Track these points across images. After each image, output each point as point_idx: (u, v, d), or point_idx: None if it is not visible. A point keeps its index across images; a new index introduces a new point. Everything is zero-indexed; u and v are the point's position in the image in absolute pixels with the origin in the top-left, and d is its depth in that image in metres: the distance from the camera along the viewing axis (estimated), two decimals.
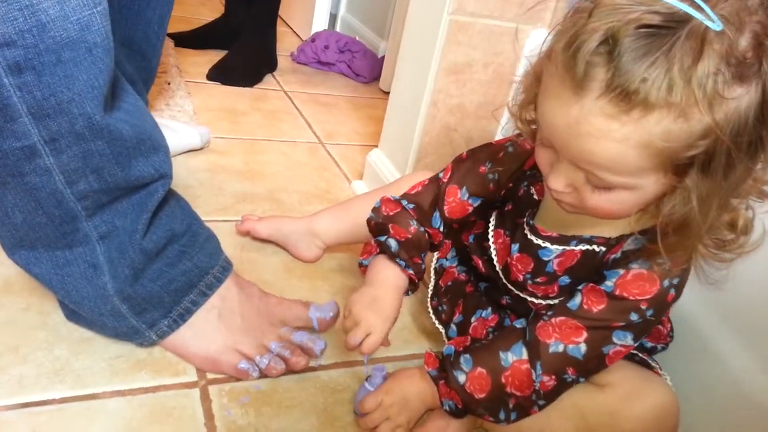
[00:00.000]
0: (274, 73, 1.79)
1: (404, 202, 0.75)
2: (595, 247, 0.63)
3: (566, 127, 0.49)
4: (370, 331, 0.65)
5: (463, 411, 0.66)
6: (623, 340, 0.60)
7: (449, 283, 0.83)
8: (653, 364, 0.69)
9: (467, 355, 0.65)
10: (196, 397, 0.68)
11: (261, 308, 0.75)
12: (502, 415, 0.64)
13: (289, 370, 0.72)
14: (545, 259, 0.66)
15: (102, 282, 0.66)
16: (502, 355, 0.63)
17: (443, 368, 0.67)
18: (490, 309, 0.77)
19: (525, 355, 0.62)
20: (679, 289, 0.60)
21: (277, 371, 0.71)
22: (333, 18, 2.31)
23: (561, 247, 0.64)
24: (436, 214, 0.74)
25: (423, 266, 0.73)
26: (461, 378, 0.64)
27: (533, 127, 0.59)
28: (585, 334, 0.60)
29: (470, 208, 0.74)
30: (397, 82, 1.11)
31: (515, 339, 0.64)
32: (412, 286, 0.73)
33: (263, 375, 0.71)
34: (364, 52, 1.94)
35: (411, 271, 0.70)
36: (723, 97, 0.45)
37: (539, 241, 0.66)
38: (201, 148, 1.21)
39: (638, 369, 0.66)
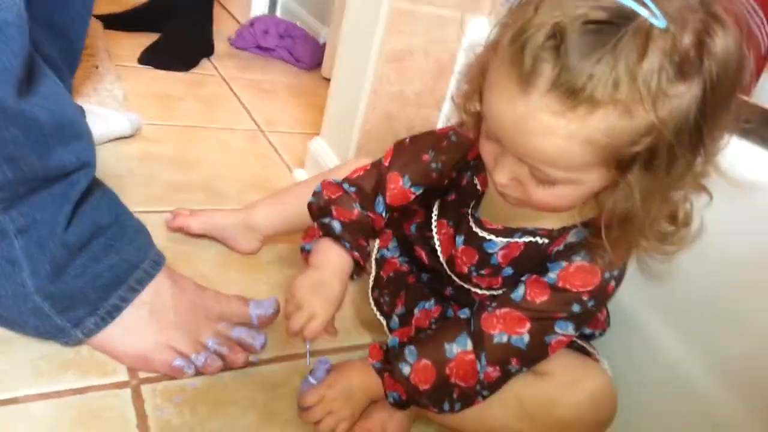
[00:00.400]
0: (210, 57, 1.73)
1: (346, 186, 0.74)
2: (538, 239, 0.63)
3: (512, 123, 0.49)
4: (314, 316, 0.63)
5: (407, 402, 0.66)
6: (565, 329, 0.61)
7: (390, 275, 0.82)
8: (591, 350, 0.70)
9: (412, 347, 0.65)
10: (127, 397, 0.65)
11: (197, 303, 0.72)
12: (446, 406, 0.64)
13: (228, 367, 0.70)
14: (490, 251, 0.66)
15: (21, 279, 0.62)
16: (446, 346, 0.63)
17: (387, 360, 0.67)
18: (433, 300, 0.77)
19: (469, 346, 0.62)
20: (619, 280, 0.61)
21: (213, 369, 0.69)
22: (273, 2, 2.25)
23: (505, 240, 0.65)
24: (379, 198, 0.73)
25: (368, 249, 0.72)
26: (406, 370, 0.64)
27: (477, 119, 0.59)
28: (528, 325, 0.61)
29: (412, 196, 0.73)
30: (337, 69, 1.09)
31: (459, 330, 0.64)
32: (357, 269, 0.71)
33: (199, 373, 0.69)
34: (305, 38, 1.90)
35: (357, 254, 0.69)
36: (666, 94, 0.45)
37: (484, 234, 0.66)
38: (131, 136, 1.16)
39: (576, 357, 0.67)
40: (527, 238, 0.63)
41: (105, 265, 0.66)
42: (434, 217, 0.72)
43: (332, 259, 0.68)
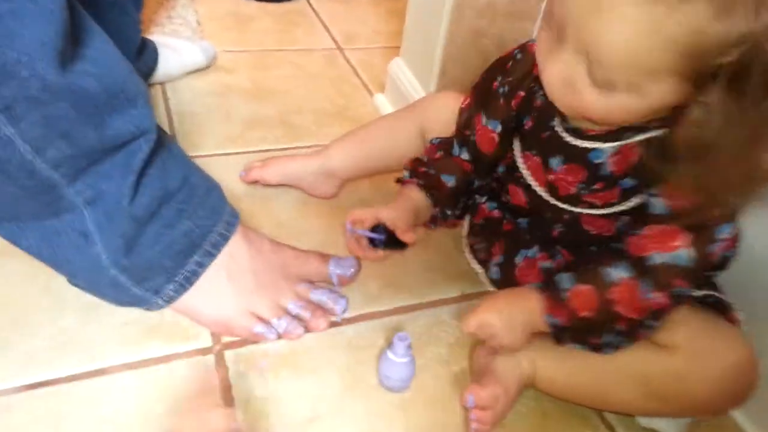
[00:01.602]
0: None
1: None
2: (652, 132, 0.52)
3: (581, 5, 0.43)
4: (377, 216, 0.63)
5: (566, 330, 0.58)
6: (726, 231, 0.52)
7: (482, 221, 0.74)
8: (729, 303, 0.60)
9: (565, 274, 0.58)
10: (211, 364, 0.64)
11: (274, 263, 0.69)
12: (606, 339, 0.57)
13: (309, 331, 0.67)
14: (598, 161, 0.56)
15: (95, 252, 0.60)
16: (607, 270, 0.55)
17: (549, 281, 0.59)
18: (536, 247, 0.69)
19: (631, 272, 0.55)
20: None
21: (296, 335, 0.66)
22: None
23: (615, 144, 0.55)
24: (455, 144, 0.70)
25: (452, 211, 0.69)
26: (563, 294, 0.57)
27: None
28: (682, 237, 0.52)
29: (495, 137, 0.66)
30: None
31: (618, 257, 0.56)
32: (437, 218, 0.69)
33: (281, 338, 0.66)
34: None
35: (418, 180, 0.68)
36: None
37: (586, 143, 0.56)
38: (207, 67, 1.11)
39: (707, 322, 0.57)
40: (641, 136, 0.53)
41: (178, 231, 0.64)
42: (517, 153, 0.65)
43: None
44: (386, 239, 0.64)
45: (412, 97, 0.99)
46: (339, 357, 0.66)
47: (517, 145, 0.65)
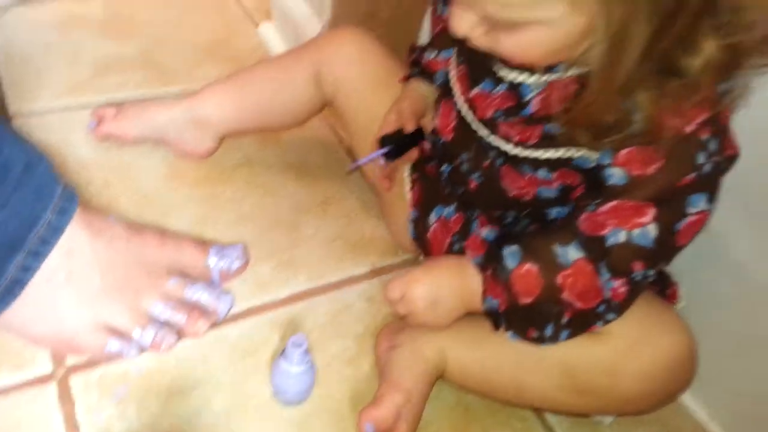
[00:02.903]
0: None
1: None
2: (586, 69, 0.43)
3: None
4: None
5: (503, 316, 0.50)
6: (697, 205, 0.44)
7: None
8: (668, 274, 0.54)
9: (513, 247, 0.49)
10: (52, 395, 0.50)
11: (132, 256, 0.54)
12: (548, 331, 0.49)
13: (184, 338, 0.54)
14: (525, 99, 0.48)
15: None
16: (559, 249, 0.47)
17: (491, 256, 0.51)
18: (453, 206, 0.59)
19: (586, 253, 0.46)
20: (734, 98, 0.42)
21: (167, 346, 0.53)
22: None
23: (542, 77, 0.47)
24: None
25: None
26: (504, 275, 0.48)
27: None
28: (653, 211, 0.44)
29: None
30: None
31: (569, 236, 0.47)
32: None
33: (146, 352, 0.53)
34: None
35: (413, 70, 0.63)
36: None
37: (512, 75, 0.48)
38: None
39: (642, 305, 0.49)
40: (576, 70, 0.44)
41: None
42: (453, 61, 0.56)
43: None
44: (396, 147, 0.60)
45: (304, 27, 0.83)
46: (222, 369, 0.54)
47: (453, 53, 0.57)
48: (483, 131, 0.52)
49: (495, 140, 0.52)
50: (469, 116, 0.54)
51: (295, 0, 0.86)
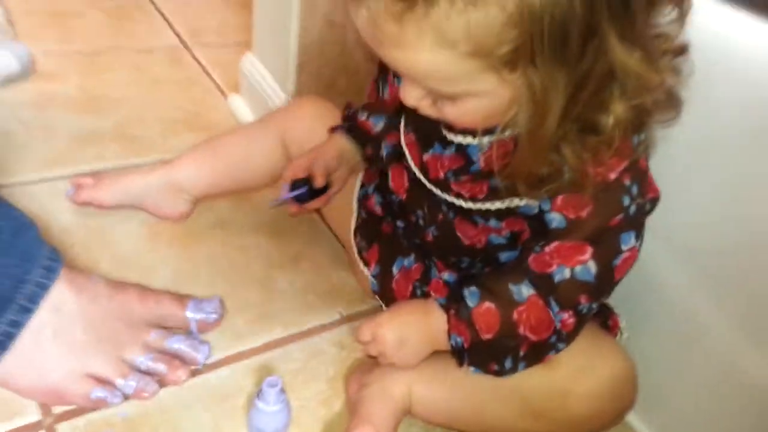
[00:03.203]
0: None
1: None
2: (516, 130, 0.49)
3: (366, 36, 0.43)
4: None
5: (467, 352, 0.54)
6: (629, 242, 0.50)
7: (364, 216, 0.70)
8: (609, 306, 0.60)
9: (473, 288, 0.54)
10: None
11: (115, 310, 0.58)
12: (508, 364, 0.53)
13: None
14: (473, 156, 0.54)
15: None
16: (513, 288, 0.52)
17: (453, 296, 0.55)
18: (412, 256, 0.64)
19: (536, 290, 0.51)
20: (645, 147, 0.49)
21: (149, 393, 0.56)
22: None
23: (486, 138, 0.51)
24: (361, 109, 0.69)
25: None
26: (465, 313, 0.53)
27: None
28: (590, 249, 0.49)
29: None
30: None
31: (521, 275, 0.52)
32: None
33: (129, 399, 0.56)
34: None
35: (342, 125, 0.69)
36: None
37: (459, 138, 0.54)
38: (23, 75, 0.94)
39: (587, 335, 0.54)
40: (510, 132, 0.49)
41: None
42: (402, 128, 0.61)
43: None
44: (308, 191, 0.66)
45: (270, 98, 0.90)
46: (202, 412, 0.57)
47: (402, 121, 0.61)
48: (436, 190, 0.58)
49: (448, 197, 0.57)
50: (423, 178, 0.59)
51: (261, 73, 0.93)
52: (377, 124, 0.68)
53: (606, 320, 0.59)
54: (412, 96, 0.47)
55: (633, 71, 0.42)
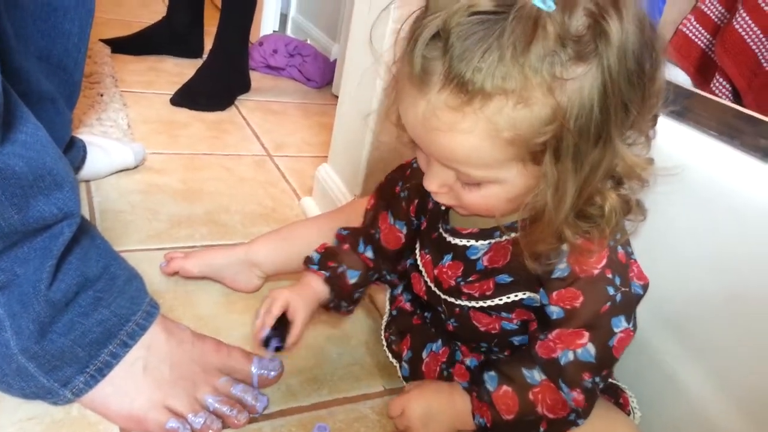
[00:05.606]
0: None
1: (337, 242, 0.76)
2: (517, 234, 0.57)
3: (418, 125, 0.49)
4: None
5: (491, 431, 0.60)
6: (620, 325, 0.56)
7: (394, 313, 0.78)
8: (622, 387, 0.66)
9: (492, 372, 0.60)
10: None
11: (195, 356, 0.68)
12: None
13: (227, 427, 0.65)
14: (474, 258, 0.62)
15: (3, 339, 0.58)
16: (526, 372, 0.58)
17: (474, 380, 0.63)
18: (440, 341, 0.72)
19: (546, 374, 0.58)
20: (624, 244, 0.58)
21: (213, 431, 0.64)
22: (283, 20, 2.23)
23: (486, 241, 0.61)
24: (360, 241, 0.74)
25: (345, 276, 0.72)
26: (486, 397, 0.59)
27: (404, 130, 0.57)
28: (587, 334, 0.56)
29: (401, 236, 0.73)
30: (343, 89, 1.04)
31: (532, 360, 0.59)
32: (340, 300, 0.72)
33: None
34: (315, 56, 1.86)
35: (325, 273, 0.71)
36: (562, 78, 0.44)
37: (463, 242, 0.63)
38: (135, 167, 1.13)
39: (600, 410, 0.60)
40: (510, 235, 0.58)
41: (94, 320, 0.62)
42: (417, 249, 0.71)
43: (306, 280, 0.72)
44: (281, 342, 0.67)
45: (339, 200, 1.03)
46: None
47: (418, 243, 0.71)
48: (450, 299, 0.66)
49: (461, 302, 0.65)
50: (437, 291, 0.67)
51: (334, 179, 1.07)
52: (353, 278, 0.72)
53: (617, 398, 0.64)
54: (438, 179, 0.53)
55: (630, 162, 0.51)
